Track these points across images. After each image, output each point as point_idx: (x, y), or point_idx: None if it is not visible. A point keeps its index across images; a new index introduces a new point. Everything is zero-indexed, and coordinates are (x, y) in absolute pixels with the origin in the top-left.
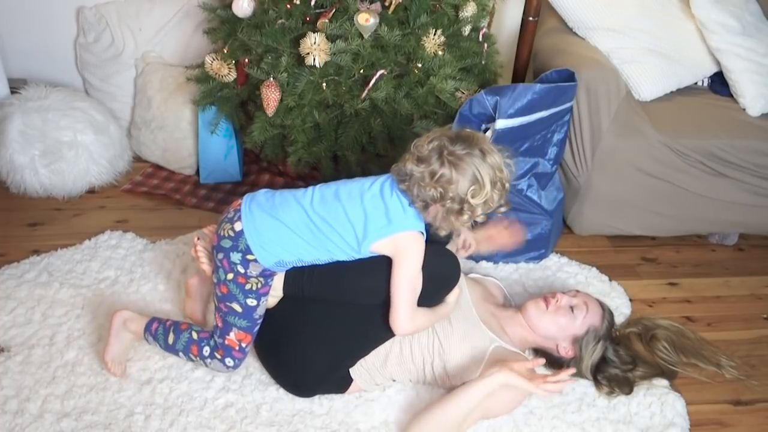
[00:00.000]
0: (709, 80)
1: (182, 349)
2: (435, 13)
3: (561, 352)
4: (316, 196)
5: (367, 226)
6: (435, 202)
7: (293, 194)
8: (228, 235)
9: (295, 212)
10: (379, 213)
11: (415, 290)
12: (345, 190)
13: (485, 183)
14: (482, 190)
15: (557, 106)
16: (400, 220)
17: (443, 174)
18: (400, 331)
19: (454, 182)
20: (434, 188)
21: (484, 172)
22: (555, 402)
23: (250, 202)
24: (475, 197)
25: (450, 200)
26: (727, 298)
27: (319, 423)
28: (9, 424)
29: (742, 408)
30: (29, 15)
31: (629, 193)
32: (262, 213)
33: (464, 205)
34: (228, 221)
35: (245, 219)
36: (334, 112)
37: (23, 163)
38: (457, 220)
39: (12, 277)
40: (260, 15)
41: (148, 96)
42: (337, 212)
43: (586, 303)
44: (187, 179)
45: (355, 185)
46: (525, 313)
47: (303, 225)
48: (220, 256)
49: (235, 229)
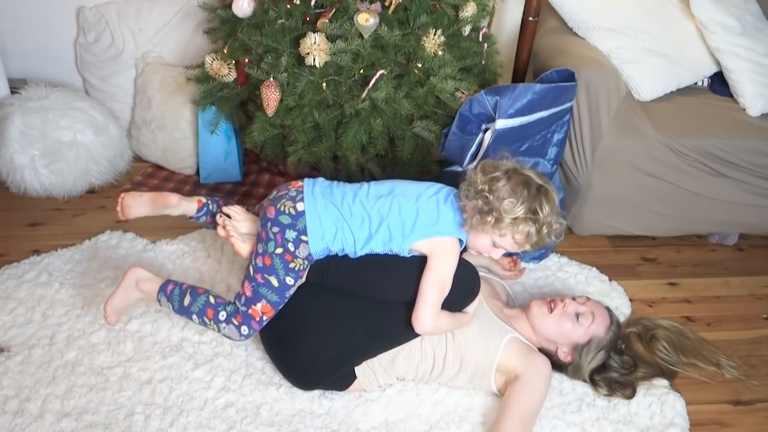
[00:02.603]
0: (709, 80)
1: (197, 311)
2: (435, 13)
3: (560, 355)
4: (372, 191)
5: (416, 224)
6: (477, 194)
7: (350, 187)
8: (288, 212)
9: (354, 203)
10: (430, 215)
11: (443, 291)
12: (401, 189)
13: (521, 206)
14: (516, 208)
15: (557, 106)
16: (446, 226)
17: (498, 177)
18: (420, 328)
19: (501, 188)
20: (483, 183)
21: (530, 200)
22: (555, 402)
23: (313, 186)
24: (507, 212)
25: (492, 195)
26: (727, 298)
27: (319, 423)
28: (9, 424)
29: (742, 408)
30: (29, 15)
31: (629, 193)
32: (323, 199)
33: (494, 209)
34: (290, 199)
35: (308, 201)
36: (334, 112)
37: (23, 163)
38: (484, 223)
39: (12, 277)
40: (260, 15)
41: (148, 96)
42: (392, 208)
43: (593, 313)
44: (187, 179)
45: (413, 187)
46: (528, 313)
47: (358, 216)
48: (275, 229)
49: (297, 208)
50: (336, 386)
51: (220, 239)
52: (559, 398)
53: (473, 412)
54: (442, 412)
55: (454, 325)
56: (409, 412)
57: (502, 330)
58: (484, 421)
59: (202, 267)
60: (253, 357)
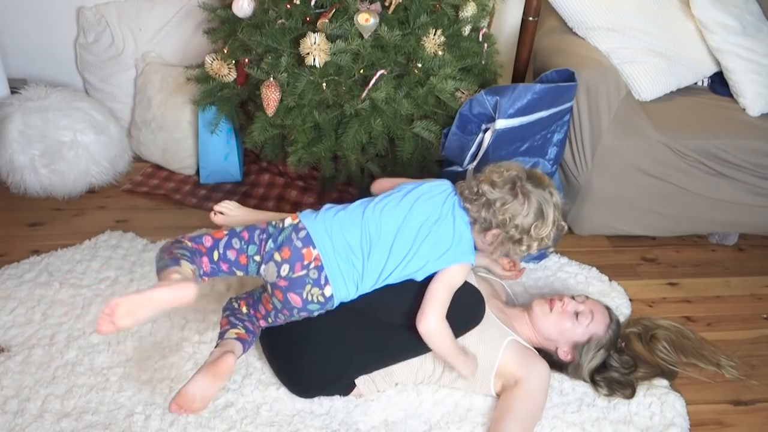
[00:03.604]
0: (709, 80)
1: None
2: (435, 13)
3: (560, 355)
4: (385, 227)
5: (434, 261)
6: (498, 227)
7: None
8: (318, 300)
9: (372, 252)
10: (447, 244)
11: (452, 290)
12: (415, 216)
13: (548, 221)
14: (545, 226)
15: (557, 106)
16: (464, 254)
17: (514, 203)
18: (425, 326)
19: (521, 214)
20: (503, 213)
21: (549, 211)
22: (555, 402)
23: (334, 255)
24: (537, 232)
25: (513, 228)
26: (727, 298)
27: (319, 423)
28: (9, 424)
29: (742, 408)
30: (29, 15)
31: (629, 193)
32: (346, 263)
33: (524, 236)
34: (315, 285)
35: (335, 281)
36: (334, 112)
37: (23, 163)
38: (513, 248)
39: (12, 277)
40: (260, 15)
41: (148, 96)
42: (410, 250)
43: (593, 311)
44: (187, 179)
45: (426, 210)
46: (530, 312)
47: (378, 266)
48: (303, 314)
49: (326, 294)
50: (336, 393)
51: None
52: (559, 398)
53: (473, 412)
54: (442, 412)
55: (456, 347)
56: (409, 412)
57: (502, 333)
58: (484, 422)
59: None
60: (253, 357)
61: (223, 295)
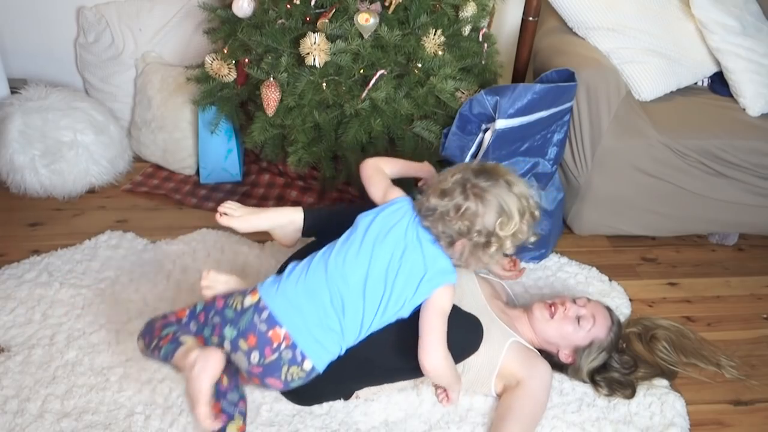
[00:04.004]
0: (709, 80)
1: None
2: (435, 13)
3: (561, 357)
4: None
5: (407, 303)
6: (461, 236)
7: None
8: (299, 377)
9: (346, 316)
10: (417, 277)
11: (445, 316)
12: (376, 265)
13: (513, 214)
14: (510, 221)
15: (557, 106)
16: (443, 276)
17: (468, 207)
18: (429, 362)
19: (480, 215)
20: (460, 222)
21: (511, 202)
22: (555, 402)
23: (305, 327)
24: (504, 229)
25: (477, 233)
26: (727, 298)
27: (319, 423)
28: (9, 424)
29: (742, 408)
30: (29, 15)
31: (629, 193)
32: (322, 331)
33: (491, 238)
34: (295, 364)
35: (313, 353)
36: (334, 112)
37: (23, 163)
38: (485, 255)
39: (12, 277)
40: (260, 15)
41: (148, 96)
42: (382, 300)
43: (594, 315)
44: (187, 179)
45: (387, 250)
46: (530, 316)
47: (355, 326)
48: (283, 388)
49: (306, 368)
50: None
51: (221, 239)
52: (559, 398)
53: (473, 412)
54: (442, 412)
55: (456, 374)
56: (409, 412)
57: (505, 334)
58: (484, 422)
59: (202, 267)
60: None
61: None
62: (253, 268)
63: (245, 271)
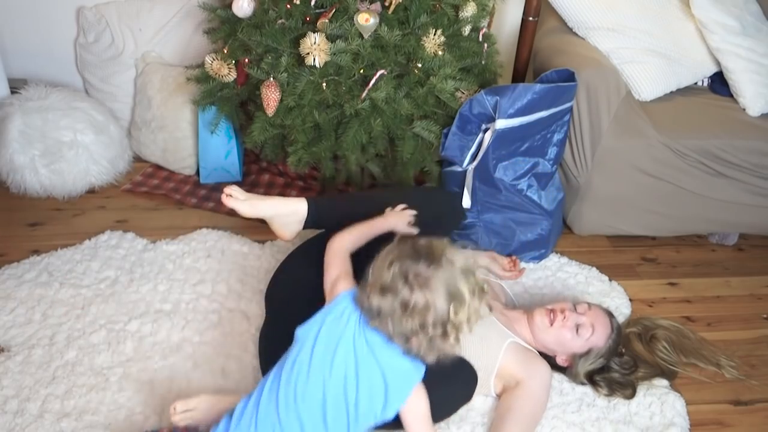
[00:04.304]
0: (709, 80)
1: None
2: (435, 13)
3: (558, 361)
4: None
5: (378, 420)
6: (415, 334)
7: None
8: None
9: None
10: (380, 392)
11: (427, 416)
12: (336, 390)
13: (464, 295)
14: (463, 304)
15: (557, 106)
16: (402, 385)
17: (416, 301)
18: None
19: (430, 306)
20: (411, 320)
21: (460, 283)
22: (555, 402)
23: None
24: (459, 313)
25: (431, 327)
26: (727, 298)
27: None
28: (9, 424)
29: (742, 408)
30: (29, 15)
31: (629, 193)
32: None
33: (447, 327)
34: None
35: None
36: (334, 112)
37: (23, 163)
38: (445, 344)
39: (12, 277)
40: (260, 15)
41: (148, 96)
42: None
43: (594, 324)
44: (187, 179)
45: (339, 372)
46: (531, 321)
47: None
48: None
49: None
50: None
51: (221, 239)
52: (559, 398)
53: (473, 412)
54: None
55: None
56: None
57: (503, 334)
58: (483, 422)
59: (202, 267)
60: (253, 356)
61: (224, 296)
62: (253, 268)
63: (245, 271)
